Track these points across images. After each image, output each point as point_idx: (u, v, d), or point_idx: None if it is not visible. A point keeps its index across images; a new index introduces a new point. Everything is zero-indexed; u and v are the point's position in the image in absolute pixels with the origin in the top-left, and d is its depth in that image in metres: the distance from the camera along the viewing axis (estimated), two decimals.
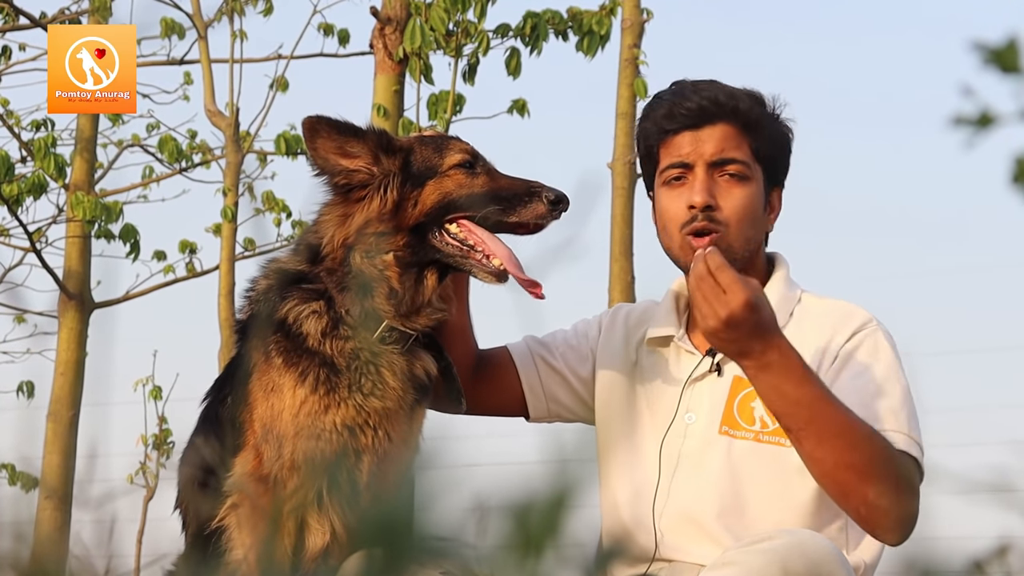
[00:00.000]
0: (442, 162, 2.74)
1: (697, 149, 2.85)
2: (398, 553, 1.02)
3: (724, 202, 2.83)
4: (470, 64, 6.96)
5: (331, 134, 2.74)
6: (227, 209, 9.02)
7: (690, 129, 2.85)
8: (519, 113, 7.46)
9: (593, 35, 7.24)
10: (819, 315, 2.86)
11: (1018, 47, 1.14)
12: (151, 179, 10.38)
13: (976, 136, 1.15)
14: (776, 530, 2.52)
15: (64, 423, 8.85)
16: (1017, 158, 1.15)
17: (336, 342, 2.69)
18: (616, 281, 7.12)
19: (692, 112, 2.85)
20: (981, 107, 1.15)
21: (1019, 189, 1.14)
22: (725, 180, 2.84)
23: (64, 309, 9.11)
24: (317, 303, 2.71)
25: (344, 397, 2.67)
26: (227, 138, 9.15)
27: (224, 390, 2.82)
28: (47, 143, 8.84)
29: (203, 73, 9.14)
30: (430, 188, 2.72)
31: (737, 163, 2.84)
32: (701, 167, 2.84)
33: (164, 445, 9.98)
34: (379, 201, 2.70)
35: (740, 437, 2.78)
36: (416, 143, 2.79)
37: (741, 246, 2.83)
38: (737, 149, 2.85)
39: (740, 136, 2.86)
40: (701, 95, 2.86)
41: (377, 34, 7.02)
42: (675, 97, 2.89)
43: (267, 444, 2.67)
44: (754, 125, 2.87)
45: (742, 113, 2.86)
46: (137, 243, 9.04)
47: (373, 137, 2.76)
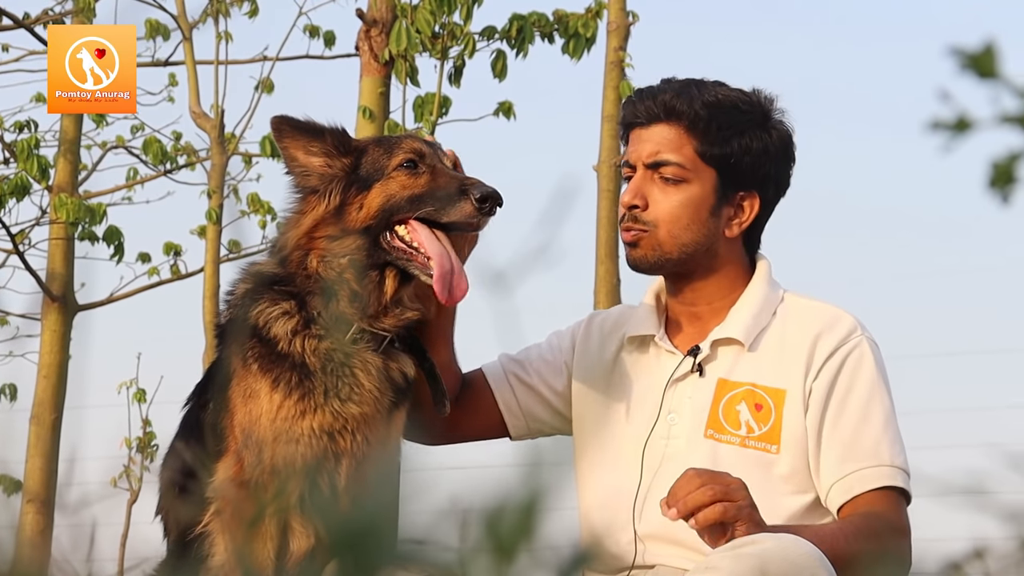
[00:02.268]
0: (389, 163, 2.74)
1: (637, 149, 2.88)
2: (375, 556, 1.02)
3: (654, 203, 2.85)
4: (456, 66, 6.97)
5: (293, 134, 2.76)
6: (212, 211, 9.00)
7: (640, 127, 2.89)
8: (505, 115, 7.46)
9: (579, 37, 7.25)
10: (803, 317, 2.86)
11: (995, 52, 1.14)
12: (135, 181, 10.35)
13: (953, 141, 1.16)
14: (759, 535, 2.52)
15: (47, 426, 8.82)
16: (994, 162, 1.15)
17: (309, 341, 2.69)
18: (602, 284, 7.12)
19: (640, 112, 2.89)
20: (958, 112, 1.16)
21: (995, 193, 1.15)
22: (659, 181, 2.86)
23: (47, 311, 9.09)
24: (288, 303, 2.71)
25: (321, 403, 2.67)
26: (212, 140, 9.13)
27: (205, 395, 2.82)
28: (30, 144, 8.82)
29: (188, 75, 9.12)
30: (376, 191, 2.72)
31: (672, 165, 2.85)
32: (639, 167, 2.87)
33: (148, 448, 9.94)
34: (324, 204, 2.72)
35: (725, 441, 2.77)
36: (371, 144, 2.80)
37: (674, 248, 2.85)
38: (676, 151, 2.85)
39: (683, 137, 2.85)
40: (654, 96, 2.88)
41: (363, 36, 7.02)
42: (636, 96, 2.94)
43: (247, 449, 2.67)
44: (702, 127, 2.85)
45: (683, 114, 2.85)
46: (121, 245, 9.02)
47: (330, 137, 2.77)
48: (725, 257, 2.91)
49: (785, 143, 2.93)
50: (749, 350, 2.82)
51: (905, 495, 2.76)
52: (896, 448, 2.77)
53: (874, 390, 2.79)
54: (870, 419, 2.77)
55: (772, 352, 2.82)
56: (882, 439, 2.76)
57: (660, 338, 2.92)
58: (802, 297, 2.91)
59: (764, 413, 2.76)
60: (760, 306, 2.85)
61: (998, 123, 1.14)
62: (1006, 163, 1.14)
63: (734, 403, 2.80)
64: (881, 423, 2.77)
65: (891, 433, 2.78)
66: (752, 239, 2.96)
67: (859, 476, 2.73)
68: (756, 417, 2.77)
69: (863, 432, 2.76)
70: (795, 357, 2.79)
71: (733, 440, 2.77)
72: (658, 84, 2.92)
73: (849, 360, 2.80)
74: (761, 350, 2.83)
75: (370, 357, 2.71)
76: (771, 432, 2.75)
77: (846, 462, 2.74)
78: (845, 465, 2.74)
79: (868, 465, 2.73)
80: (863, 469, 2.73)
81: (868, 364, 2.81)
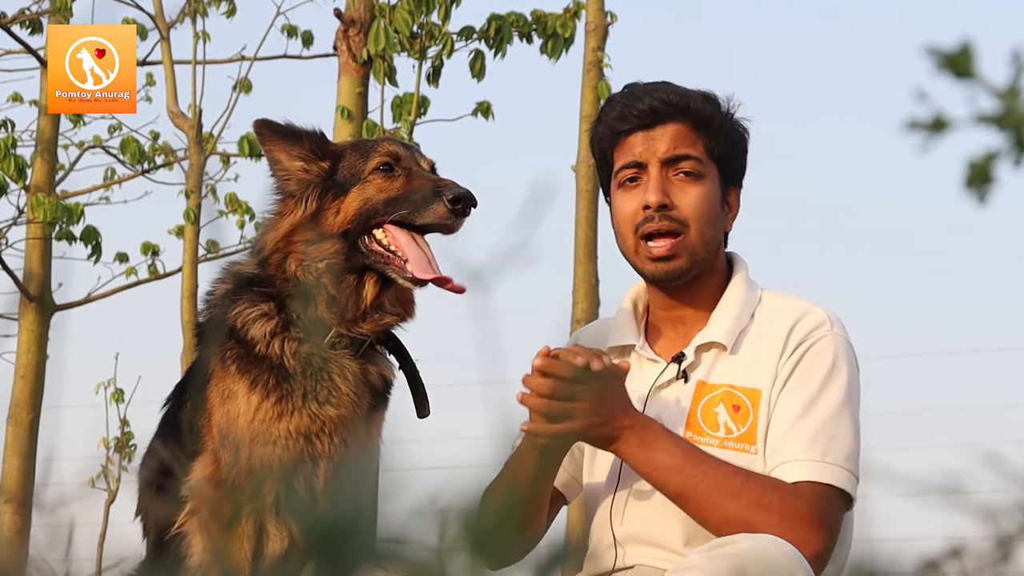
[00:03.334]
0: (365, 167, 2.74)
1: (650, 148, 2.84)
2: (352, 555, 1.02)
3: (680, 200, 2.82)
4: (434, 66, 6.96)
5: (274, 137, 2.77)
6: (190, 211, 8.98)
7: (643, 129, 2.85)
8: (483, 116, 7.46)
9: (557, 38, 7.25)
10: (777, 314, 2.84)
11: (971, 52, 1.15)
12: (113, 180, 10.32)
13: (930, 140, 1.16)
14: (739, 535, 2.52)
15: (24, 426, 8.79)
16: (970, 162, 1.16)
17: (288, 343, 2.69)
18: (580, 284, 7.12)
19: (644, 112, 2.85)
20: (935, 112, 1.16)
21: (972, 193, 1.15)
22: (680, 179, 2.83)
23: (24, 311, 9.05)
24: (267, 305, 2.72)
25: (298, 405, 2.67)
26: (190, 140, 9.11)
27: (184, 395, 2.82)
28: (7, 144, 8.77)
29: (165, 74, 9.10)
30: (353, 195, 2.72)
31: (691, 160, 2.84)
32: (655, 165, 2.83)
33: (126, 448, 9.92)
34: (301, 209, 2.72)
35: (704, 444, 2.75)
36: (348, 149, 2.80)
37: (702, 247, 2.83)
38: (691, 147, 2.85)
39: (693, 134, 2.86)
40: (652, 96, 2.86)
41: (341, 36, 7.01)
42: (626, 99, 2.88)
43: (224, 450, 2.67)
44: (707, 124, 2.86)
45: (693, 112, 2.85)
46: (99, 245, 8.99)
47: (308, 142, 2.78)
48: (720, 255, 2.92)
49: (748, 138, 2.96)
50: (730, 353, 2.81)
51: (844, 495, 2.68)
52: (836, 444, 2.69)
53: (827, 386, 2.74)
54: (813, 413, 2.72)
55: (748, 352, 2.81)
56: (819, 434, 2.69)
57: (641, 347, 2.91)
58: (779, 296, 2.90)
59: (742, 414, 2.75)
60: (740, 308, 2.84)
61: (974, 123, 1.14)
62: (983, 163, 1.14)
63: (712, 405, 2.79)
64: (824, 418, 2.71)
65: (835, 430, 2.70)
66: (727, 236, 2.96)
67: (784, 469, 2.68)
68: (734, 418, 2.76)
69: (801, 425, 2.71)
70: (769, 356, 2.78)
71: (712, 442, 2.75)
72: (646, 86, 2.91)
73: (809, 353, 2.77)
74: (739, 352, 2.82)
75: (347, 361, 2.71)
76: (749, 433, 2.74)
77: (778, 453, 2.70)
78: (776, 456, 2.70)
79: (796, 459, 2.68)
80: (790, 462, 2.68)
81: (826, 359, 2.76)
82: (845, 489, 2.67)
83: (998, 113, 1.14)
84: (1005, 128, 1.14)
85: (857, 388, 2.80)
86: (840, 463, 2.68)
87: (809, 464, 2.67)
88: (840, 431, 2.71)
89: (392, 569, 2.49)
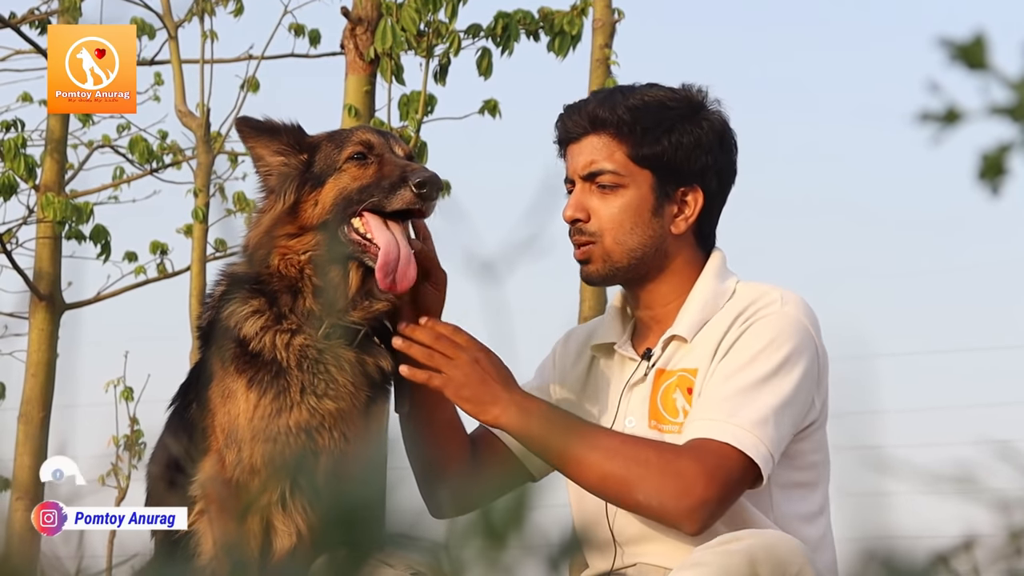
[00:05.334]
0: (339, 157, 2.75)
1: (572, 164, 2.90)
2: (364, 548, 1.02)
3: (595, 213, 2.86)
4: (441, 64, 6.96)
5: (254, 134, 2.79)
6: (198, 210, 8.99)
7: (572, 142, 2.91)
8: (490, 114, 7.45)
9: (564, 35, 7.24)
10: (737, 299, 2.82)
11: (984, 43, 1.15)
12: (122, 180, 10.33)
13: (942, 132, 1.16)
14: (744, 531, 2.52)
15: (35, 424, 8.81)
16: (983, 154, 1.15)
17: (280, 337, 2.70)
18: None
19: (567, 128, 2.91)
20: (948, 103, 1.16)
21: (985, 185, 1.15)
22: (597, 191, 2.87)
23: (35, 310, 9.07)
24: (257, 301, 2.72)
25: (297, 400, 2.67)
26: (198, 139, 9.12)
27: (188, 396, 2.83)
28: (17, 144, 8.79)
29: (173, 73, 9.10)
30: (329, 186, 2.73)
31: (606, 173, 2.85)
32: (577, 181, 2.89)
33: (135, 446, 9.94)
34: (280, 203, 2.73)
35: (668, 431, 2.74)
36: (324, 140, 2.81)
37: (621, 254, 2.84)
38: (608, 159, 2.85)
39: (613, 144, 2.86)
40: (572, 112, 2.91)
41: (348, 34, 7.01)
42: (564, 112, 2.94)
43: (228, 449, 2.68)
44: (627, 131, 2.85)
45: (608, 121, 2.85)
46: (108, 244, 9.00)
47: (285, 135, 2.79)
48: (676, 255, 2.88)
49: (719, 133, 2.90)
50: (689, 343, 2.81)
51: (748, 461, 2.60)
52: (747, 411, 2.63)
53: (757, 358, 2.69)
54: (732, 380, 2.67)
55: (707, 337, 2.79)
56: (732, 399, 2.64)
57: (620, 345, 2.91)
58: (751, 285, 2.86)
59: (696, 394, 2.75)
60: (707, 299, 2.83)
61: (988, 114, 1.14)
62: (996, 154, 1.14)
63: (670, 392, 2.78)
64: (741, 387, 2.66)
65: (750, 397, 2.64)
66: (704, 233, 2.92)
67: (694, 426, 2.65)
68: (690, 401, 2.75)
69: (717, 390, 2.68)
70: (714, 334, 2.76)
71: (674, 428, 2.73)
72: (585, 98, 2.95)
73: (750, 329, 2.73)
74: (699, 338, 2.81)
75: (343, 352, 2.72)
76: None
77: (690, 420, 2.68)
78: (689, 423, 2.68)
79: (700, 418, 2.65)
80: (694, 422, 2.66)
81: (765, 334, 2.72)
82: (747, 453, 2.60)
83: (1012, 104, 1.14)
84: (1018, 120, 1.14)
85: (803, 370, 2.71)
86: (745, 426, 2.62)
87: (710, 423, 2.63)
88: (758, 401, 2.65)
89: (400, 566, 2.49)
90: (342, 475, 2.69)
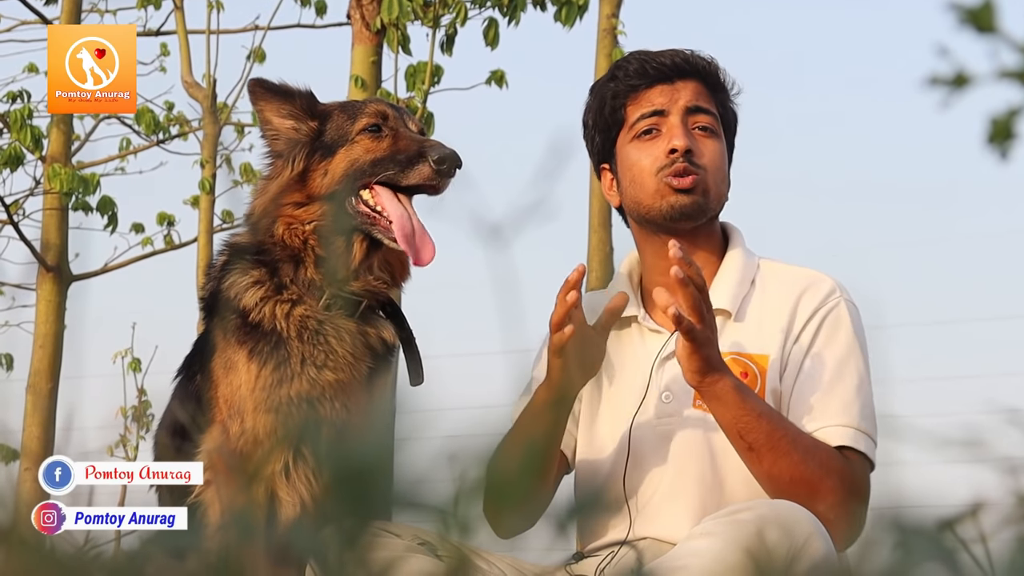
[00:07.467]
0: (352, 128, 2.74)
1: (672, 98, 2.87)
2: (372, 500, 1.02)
3: (699, 151, 2.84)
4: (448, 35, 6.94)
5: (266, 96, 2.77)
6: (205, 181, 8.99)
7: (663, 83, 2.87)
8: (497, 84, 7.43)
9: (571, 5, 7.21)
10: (783, 282, 2.84)
11: (993, 7, 1.14)
12: (128, 151, 10.33)
13: (951, 96, 1.16)
14: (754, 501, 2.52)
15: (43, 395, 8.83)
16: (992, 118, 1.15)
17: (280, 307, 2.69)
18: (595, 252, 7.10)
19: (666, 66, 2.88)
20: (956, 67, 1.15)
21: (994, 149, 1.15)
22: (698, 132, 2.86)
23: (42, 281, 9.07)
24: (258, 271, 2.72)
25: (297, 371, 2.67)
26: (204, 110, 9.11)
27: (192, 368, 2.83)
28: (23, 115, 8.78)
29: (180, 44, 9.09)
30: (340, 156, 2.72)
31: (710, 115, 2.87)
32: (677, 115, 2.85)
33: (143, 417, 9.97)
34: (289, 169, 2.72)
35: None
36: (336, 109, 2.80)
37: (715, 198, 2.85)
38: (709, 104, 2.89)
39: (709, 96, 2.90)
40: (674, 53, 2.89)
41: (354, 5, 6.99)
42: (645, 56, 2.91)
43: (232, 420, 2.68)
44: (719, 89, 2.92)
45: (710, 74, 2.90)
46: (115, 215, 9.00)
47: (299, 99, 2.78)
48: (717, 223, 2.93)
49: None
50: (735, 320, 2.80)
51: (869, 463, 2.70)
52: (865, 412, 2.71)
53: (850, 352, 2.76)
54: (843, 380, 2.73)
55: (754, 319, 2.80)
56: (853, 401, 2.71)
57: (643, 318, 2.89)
58: (776, 263, 2.90)
59: (750, 380, 2.73)
60: (741, 274, 2.84)
61: (997, 78, 1.13)
62: (1005, 119, 1.13)
63: None
64: (854, 385, 2.73)
65: (863, 398, 2.73)
66: None
67: (824, 433, 2.68)
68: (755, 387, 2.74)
69: (834, 391, 2.71)
70: (776, 322, 2.77)
71: None
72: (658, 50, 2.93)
73: (827, 321, 2.77)
74: (744, 318, 2.81)
75: (344, 323, 2.71)
76: None
77: (814, 420, 2.70)
78: (813, 423, 2.70)
79: (835, 424, 2.68)
80: (829, 427, 2.68)
81: (846, 326, 2.77)
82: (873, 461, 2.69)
83: (1021, 68, 1.13)
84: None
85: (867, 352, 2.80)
86: (869, 431, 2.70)
87: (846, 430, 2.68)
88: (868, 400, 2.73)
89: (408, 536, 2.49)
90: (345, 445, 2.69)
